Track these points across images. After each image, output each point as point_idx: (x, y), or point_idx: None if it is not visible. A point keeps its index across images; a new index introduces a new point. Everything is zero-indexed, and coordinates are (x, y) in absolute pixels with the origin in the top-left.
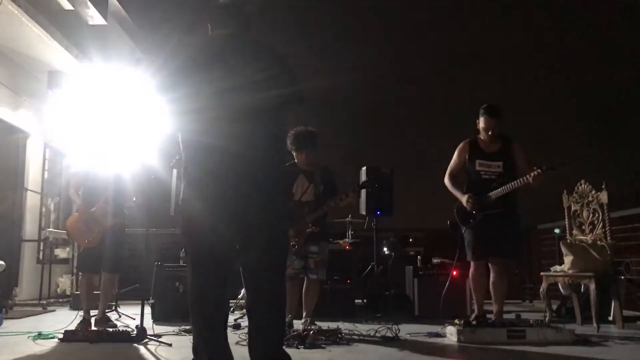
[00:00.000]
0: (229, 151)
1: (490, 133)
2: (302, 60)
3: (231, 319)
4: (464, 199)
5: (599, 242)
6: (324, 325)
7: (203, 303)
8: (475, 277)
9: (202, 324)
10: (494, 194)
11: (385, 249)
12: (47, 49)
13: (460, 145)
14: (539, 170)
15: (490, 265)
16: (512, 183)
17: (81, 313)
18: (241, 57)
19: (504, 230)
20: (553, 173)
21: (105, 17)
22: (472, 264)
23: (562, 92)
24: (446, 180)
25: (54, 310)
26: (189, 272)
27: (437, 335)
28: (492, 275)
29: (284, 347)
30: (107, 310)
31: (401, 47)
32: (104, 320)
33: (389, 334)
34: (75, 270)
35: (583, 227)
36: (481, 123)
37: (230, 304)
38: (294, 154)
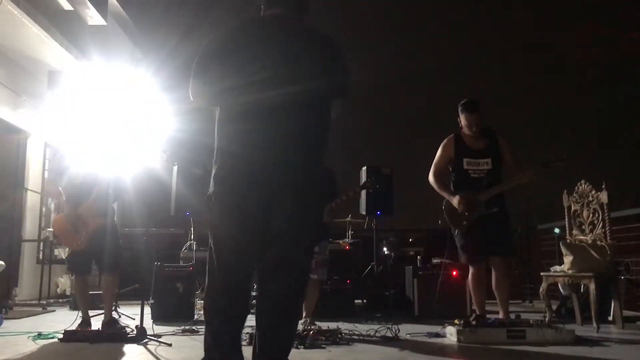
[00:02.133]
0: (245, 152)
1: (474, 129)
2: None
3: None
4: (454, 200)
5: (599, 242)
6: (324, 325)
7: (227, 304)
8: (475, 281)
9: (220, 326)
10: (485, 195)
11: (385, 249)
12: (47, 49)
13: (445, 141)
14: (532, 171)
15: (492, 266)
16: (505, 183)
17: (81, 314)
18: (278, 43)
19: (497, 228)
20: (547, 170)
21: (105, 18)
22: (470, 268)
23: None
24: (431, 179)
25: (54, 310)
26: (213, 270)
27: (437, 335)
28: (494, 276)
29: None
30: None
31: (402, 48)
32: (112, 323)
33: (389, 334)
34: None
35: (583, 227)
36: (463, 120)
37: None
38: None
